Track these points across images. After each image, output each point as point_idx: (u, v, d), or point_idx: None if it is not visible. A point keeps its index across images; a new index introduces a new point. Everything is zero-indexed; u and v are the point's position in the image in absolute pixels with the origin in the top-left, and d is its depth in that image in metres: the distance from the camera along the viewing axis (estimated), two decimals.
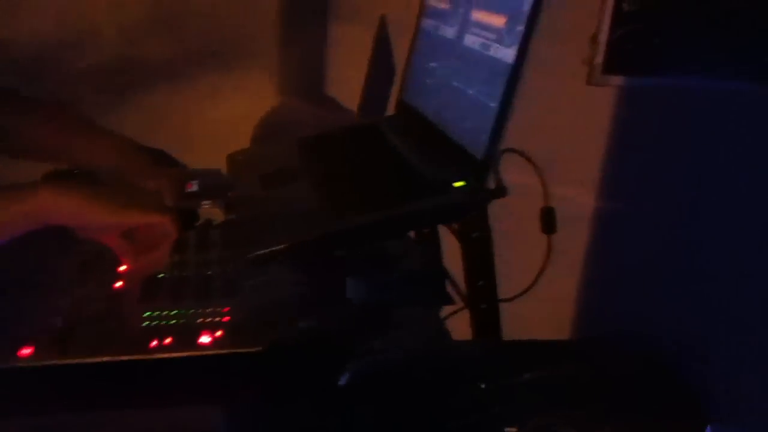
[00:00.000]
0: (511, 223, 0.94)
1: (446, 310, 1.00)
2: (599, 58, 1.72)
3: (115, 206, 0.81)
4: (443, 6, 1.08)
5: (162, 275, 0.89)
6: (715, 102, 1.74)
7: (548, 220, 0.90)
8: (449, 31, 1.03)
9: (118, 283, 0.87)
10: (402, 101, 1.21)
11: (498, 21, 0.85)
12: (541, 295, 0.96)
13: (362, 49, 1.53)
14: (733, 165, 1.77)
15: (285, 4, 1.47)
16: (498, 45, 0.85)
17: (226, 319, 0.80)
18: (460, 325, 0.97)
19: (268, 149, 1.24)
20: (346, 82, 1.55)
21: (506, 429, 0.81)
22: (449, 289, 0.99)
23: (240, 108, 1.49)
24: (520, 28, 0.79)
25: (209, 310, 0.82)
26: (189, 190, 1.14)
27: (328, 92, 1.55)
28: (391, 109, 1.30)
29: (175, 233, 0.86)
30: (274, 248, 0.81)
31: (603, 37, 1.71)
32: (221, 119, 1.49)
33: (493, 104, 0.82)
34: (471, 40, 0.94)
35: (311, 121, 1.51)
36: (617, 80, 1.73)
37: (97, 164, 0.99)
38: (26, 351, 0.73)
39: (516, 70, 0.80)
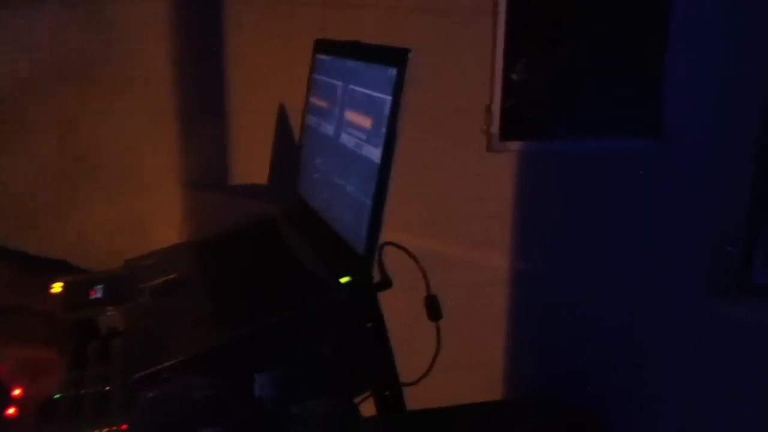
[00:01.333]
0: (402, 311, 0.97)
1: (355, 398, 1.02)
2: (495, 127, 1.82)
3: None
4: (323, 104, 1.13)
5: (58, 395, 0.88)
6: (607, 159, 1.87)
7: (433, 308, 0.94)
8: (329, 129, 1.08)
9: (10, 410, 0.85)
10: (297, 193, 1.25)
11: (365, 122, 0.90)
12: (441, 375, 0.99)
13: (263, 138, 1.57)
14: (630, 216, 1.89)
15: (178, 99, 1.50)
16: (367, 144, 0.89)
17: None
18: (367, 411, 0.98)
19: (165, 253, 1.24)
20: (250, 172, 1.58)
21: None
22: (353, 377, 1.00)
23: (137, 209, 1.50)
24: (383, 129, 0.84)
25: (107, 429, 0.81)
26: (93, 296, 1.13)
27: (232, 183, 1.57)
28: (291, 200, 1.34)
29: (63, 363, 0.85)
30: (160, 366, 0.81)
31: (496, 107, 1.82)
32: (118, 222, 1.50)
33: (369, 201, 0.87)
34: (346, 139, 0.99)
35: (215, 215, 1.52)
36: (515, 146, 1.84)
37: None
38: None
39: (384, 169, 0.84)
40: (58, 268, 1.34)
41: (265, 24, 1.52)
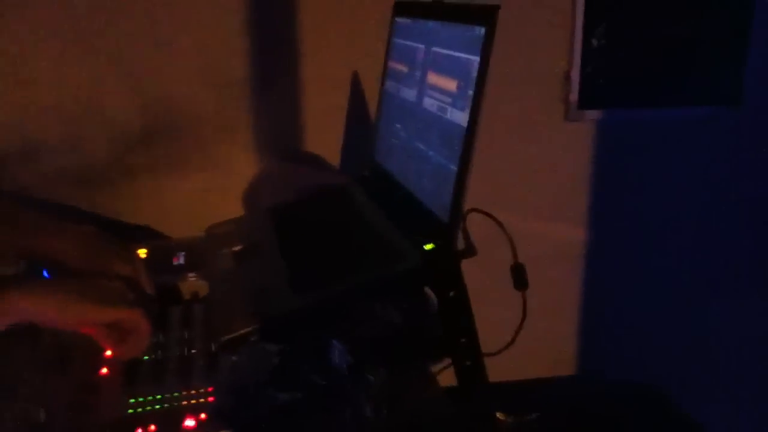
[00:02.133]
0: (486, 280, 0.95)
1: (434, 367, 1.01)
2: (574, 95, 1.76)
3: (84, 305, 0.81)
4: (403, 68, 1.11)
5: (145, 357, 0.90)
6: (686, 128, 1.78)
7: (519, 277, 0.91)
8: (410, 94, 1.06)
9: (103, 370, 0.88)
10: (374, 161, 1.23)
11: (450, 85, 0.88)
12: (523, 347, 0.96)
13: (338, 107, 1.56)
14: (708, 188, 1.80)
15: (250, 70, 1.51)
16: (452, 108, 0.87)
17: (210, 399, 0.81)
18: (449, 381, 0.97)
19: (243, 221, 1.25)
20: (324, 142, 1.58)
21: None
22: (435, 346, 0.99)
23: (216, 178, 1.52)
24: (471, 92, 0.81)
25: (192, 392, 0.82)
26: (175, 263, 1.16)
27: (306, 152, 1.58)
28: (367, 168, 1.33)
29: (147, 326, 0.86)
30: (243, 331, 0.81)
31: (575, 74, 1.76)
32: (199, 190, 1.52)
33: (453, 166, 0.84)
34: (429, 103, 0.96)
35: (290, 185, 1.52)
36: (593, 114, 1.77)
37: (64, 258, 1.00)
38: None
39: (470, 133, 0.81)
40: (142, 234, 1.37)
41: None
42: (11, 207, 1.03)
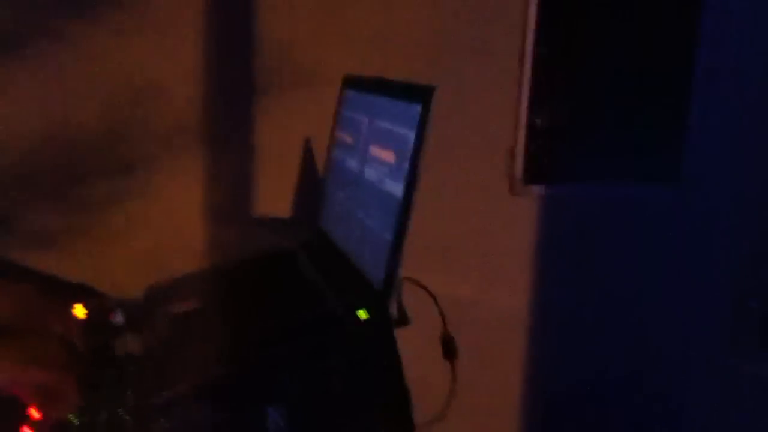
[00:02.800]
0: (420, 349, 0.96)
1: None
2: (519, 171, 1.82)
3: (12, 366, 0.80)
4: (348, 139, 1.15)
5: (75, 421, 0.88)
6: (627, 204, 1.86)
7: (448, 348, 0.92)
8: (353, 164, 1.09)
9: (24, 430, 0.85)
10: (319, 227, 1.25)
11: (389, 157, 0.91)
12: (455, 416, 0.97)
13: (289, 171, 1.59)
14: (649, 261, 1.86)
15: (203, 129, 1.53)
16: (390, 179, 0.90)
17: None
18: None
19: (185, 281, 1.25)
20: (273, 204, 1.59)
21: None
22: (367, 414, 0.99)
23: (161, 237, 1.52)
24: (407, 164, 0.84)
25: None
26: (113, 321, 1.14)
27: (254, 214, 1.59)
28: (311, 233, 1.34)
29: (75, 389, 0.85)
30: (176, 394, 0.81)
31: (520, 150, 1.82)
32: (142, 248, 1.52)
33: (389, 236, 0.87)
34: (369, 173, 0.99)
35: (236, 247, 1.53)
36: (538, 189, 1.83)
37: None
38: None
39: (405, 204, 0.84)
40: (78, 291, 1.35)
41: (293, 59, 1.54)
42: None
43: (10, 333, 0.96)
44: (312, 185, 1.56)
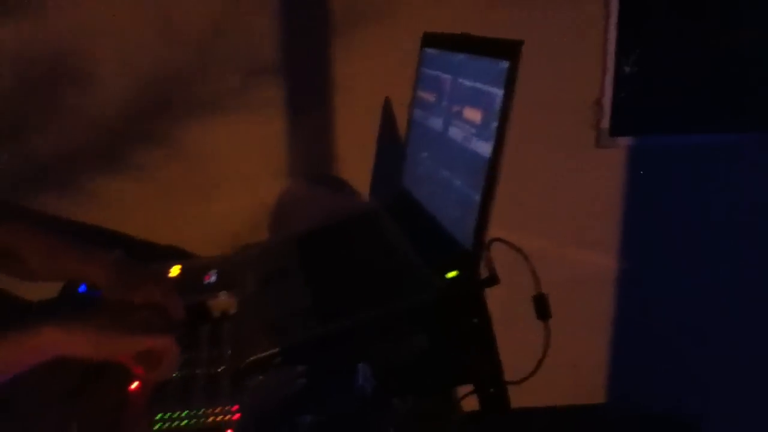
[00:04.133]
0: (510, 308, 0.96)
1: (457, 393, 1.01)
2: (605, 122, 1.76)
3: (117, 339, 0.85)
4: (430, 98, 1.13)
5: (173, 375, 0.92)
6: (717, 154, 1.76)
7: (542, 307, 0.91)
8: (436, 123, 1.08)
9: (132, 386, 0.91)
10: (401, 188, 1.25)
11: (475, 116, 0.89)
12: (548, 375, 0.97)
13: (368, 133, 1.59)
14: (740, 215, 1.78)
15: (282, 95, 1.55)
16: (477, 139, 0.88)
17: (236, 417, 0.83)
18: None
19: (273, 243, 1.28)
20: (354, 165, 1.61)
21: None
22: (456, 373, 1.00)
23: (245, 201, 1.56)
24: (494, 124, 0.83)
25: (218, 409, 0.84)
26: (207, 281, 1.19)
27: (335, 177, 1.60)
28: (393, 193, 1.35)
29: (177, 352, 0.89)
30: (269, 353, 0.83)
31: (607, 101, 1.76)
32: (227, 212, 1.56)
33: (477, 195, 0.86)
34: (454, 133, 0.98)
35: (320, 206, 1.55)
36: (625, 141, 1.77)
37: (95, 283, 1.05)
38: None
39: (493, 164, 0.83)
40: (170, 254, 1.41)
41: (372, 18, 1.53)
42: (44, 234, 1.09)
43: (111, 303, 1.03)
44: (392, 145, 1.56)
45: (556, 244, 1.67)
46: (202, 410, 0.84)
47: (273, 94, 1.54)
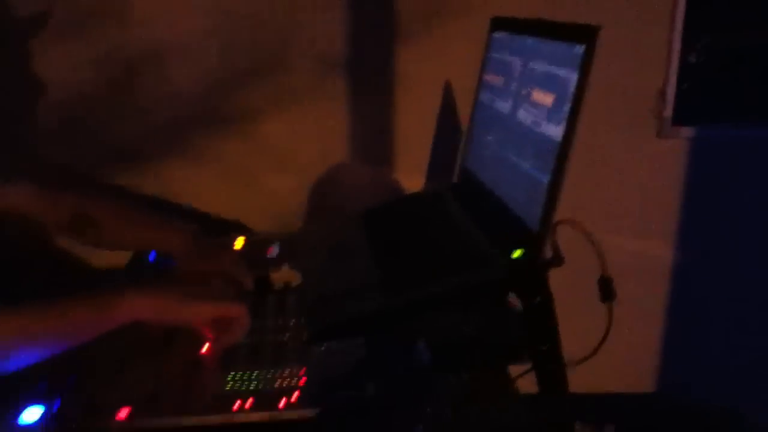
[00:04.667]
0: (570, 291, 0.97)
1: (514, 371, 1.03)
2: (668, 111, 1.74)
3: (192, 306, 0.90)
4: (498, 81, 1.14)
5: (243, 342, 0.97)
6: None
7: (606, 290, 0.92)
8: (504, 106, 1.09)
9: (204, 348, 0.95)
10: (464, 169, 1.26)
11: (546, 100, 0.90)
12: (607, 351, 0.97)
13: (429, 114, 1.60)
14: None
15: (348, 73, 1.58)
16: (547, 122, 0.89)
17: (302, 381, 0.87)
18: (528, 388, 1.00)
19: (336, 219, 1.31)
20: (414, 149, 1.62)
21: None
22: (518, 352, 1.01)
23: (308, 180, 1.60)
24: (567, 107, 0.84)
25: (286, 372, 0.89)
26: (269, 255, 1.24)
27: (396, 158, 1.63)
28: (456, 175, 1.36)
29: (247, 318, 0.94)
30: (333, 322, 0.87)
31: (671, 90, 1.73)
32: (292, 193, 1.60)
33: (545, 178, 0.87)
34: (523, 116, 0.99)
35: (380, 188, 1.58)
36: (687, 131, 1.74)
37: (171, 253, 1.11)
38: (124, 413, 0.82)
39: (564, 147, 0.84)
40: (234, 228, 1.46)
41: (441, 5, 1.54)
42: (122, 204, 1.16)
43: (184, 272, 1.09)
44: (454, 131, 1.57)
45: (615, 232, 1.66)
46: (271, 373, 0.89)
47: (342, 81, 1.56)
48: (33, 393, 0.84)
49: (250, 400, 0.83)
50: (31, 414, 0.81)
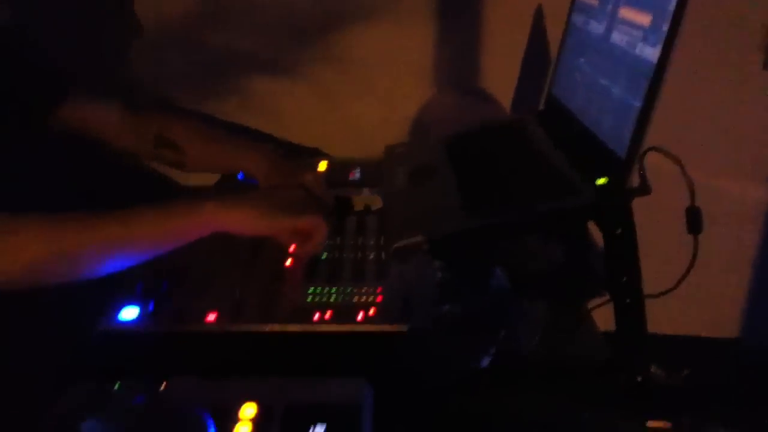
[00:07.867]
0: (655, 223, 0.93)
1: (591, 302, 1.02)
2: None
3: (272, 217, 0.93)
4: (593, 2, 1.09)
5: (323, 257, 1.00)
6: None
7: (694, 220, 0.88)
8: (598, 27, 1.04)
9: (287, 262, 0.99)
10: (551, 96, 1.23)
11: (644, 19, 0.86)
12: (686, 294, 0.94)
13: (517, 40, 1.55)
14: None
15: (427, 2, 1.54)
16: (643, 43, 0.85)
17: (379, 299, 0.89)
18: (605, 318, 0.98)
19: (419, 144, 1.31)
20: (500, 75, 1.58)
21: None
22: (594, 282, 1.00)
23: (393, 104, 1.59)
24: (665, 27, 0.79)
25: (364, 289, 0.91)
26: (351, 178, 1.26)
27: (481, 85, 1.59)
28: (542, 102, 1.33)
29: (325, 229, 0.96)
30: (414, 241, 0.88)
31: None
32: (378, 116, 1.60)
33: (637, 102, 0.83)
34: (618, 38, 0.95)
35: (463, 115, 1.56)
36: None
37: (256, 171, 1.15)
38: (211, 317, 0.87)
39: (660, 69, 0.80)
40: (314, 153, 1.49)
41: None
42: (204, 126, 1.20)
43: (268, 188, 1.12)
44: (544, 53, 1.52)
45: (706, 169, 1.58)
46: (350, 289, 0.91)
47: (424, 2, 1.53)
48: (130, 294, 0.90)
49: (329, 312, 0.86)
50: (129, 313, 0.88)
